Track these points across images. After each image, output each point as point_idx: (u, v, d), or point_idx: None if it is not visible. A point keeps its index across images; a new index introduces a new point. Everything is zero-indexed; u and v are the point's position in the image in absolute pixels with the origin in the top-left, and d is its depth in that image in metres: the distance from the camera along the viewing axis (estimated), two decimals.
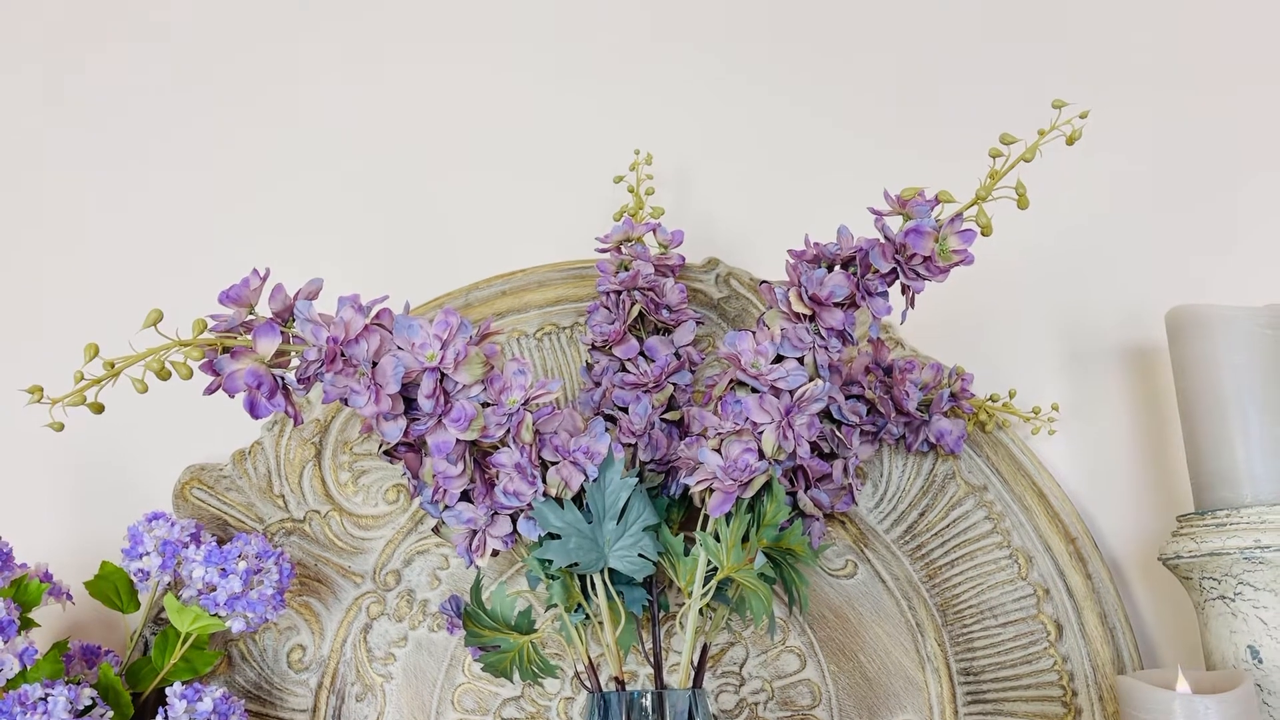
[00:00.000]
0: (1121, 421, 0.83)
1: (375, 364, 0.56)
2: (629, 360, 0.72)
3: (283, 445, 0.81)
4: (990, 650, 0.77)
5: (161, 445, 0.82)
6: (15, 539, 0.74)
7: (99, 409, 0.52)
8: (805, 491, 0.69)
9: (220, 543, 0.73)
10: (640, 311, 0.74)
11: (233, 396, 0.54)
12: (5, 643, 0.60)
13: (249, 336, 0.54)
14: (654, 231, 0.79)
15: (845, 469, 0.71)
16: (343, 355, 0.55)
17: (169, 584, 0.73)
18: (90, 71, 0.92)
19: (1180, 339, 0.74)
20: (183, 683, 0.67)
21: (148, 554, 0.71)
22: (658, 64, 0.91)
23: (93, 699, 0.64)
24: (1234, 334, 0.71)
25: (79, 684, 0.64)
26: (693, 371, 0.74)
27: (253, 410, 0.54)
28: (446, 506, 0.65)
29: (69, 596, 0.72)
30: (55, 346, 0.85)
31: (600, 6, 0.92)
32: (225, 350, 0.54)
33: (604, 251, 0.78)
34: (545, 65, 0.91)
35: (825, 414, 0.71)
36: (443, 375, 0.57)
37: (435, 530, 0.66)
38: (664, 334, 0.75)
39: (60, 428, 0.52)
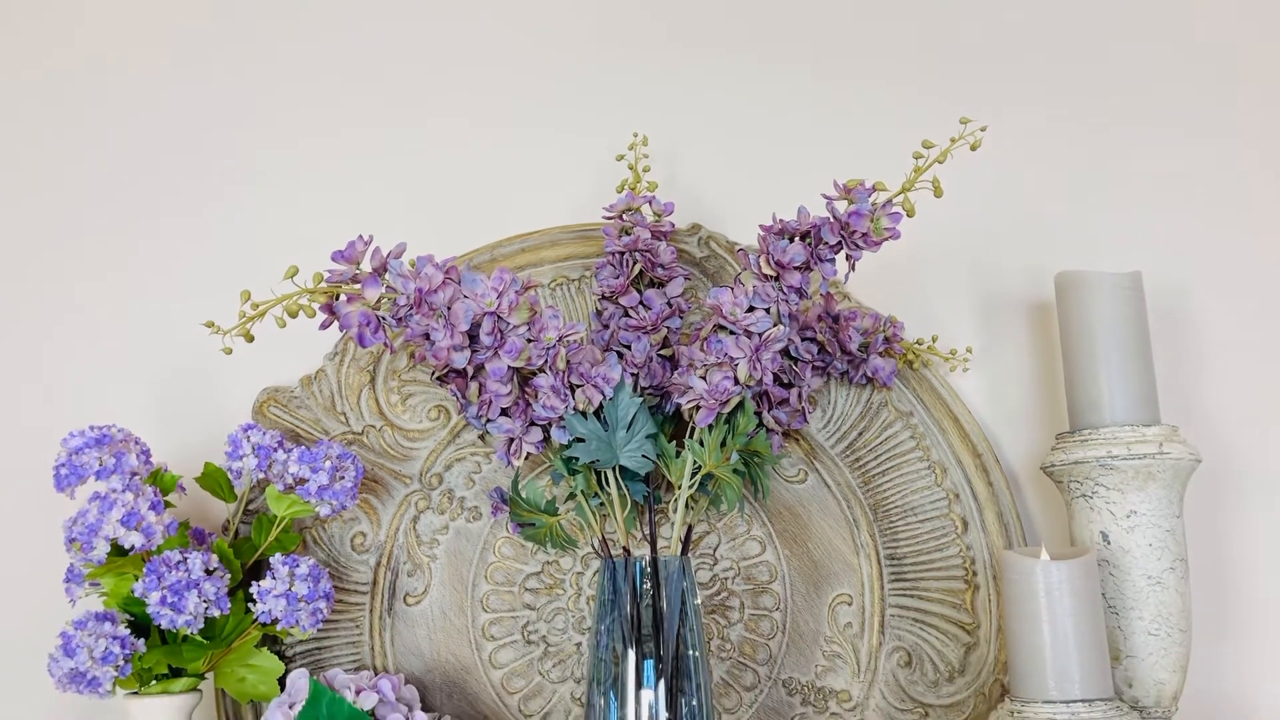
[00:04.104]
0: (1021, 361, 0.98)
1: (449, 308, 0.74)
2: (631, 308, 0.86)
3: (343, 372, 0.97)
4: (911, 541, 0.92)
5: (236, 373, 0.96)
6: None
7: (251, 338, 0.70)
8: (769, 412, 0.87)
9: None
10: (640, 269, 0.91)
11: (343, 331, 0.72)
12: (157, 517, 0.78)
13: (357, 286, 0.72)
14: (650, 203, 0.92)
15: (800, 396, 0.87)
16: (427, 302, 0.72)
17: (258, 481, 0.90)
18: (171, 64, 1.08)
19: (1065, 297, 0.88)
20: (282, 554, 0.85)
21: (246, 455, 0.86)
22: (653, 61, 1.05)
23: (218, 563, 0.82)
24: (1104, 294, 0.86)
25: (203, 552, 0.82)
26: (681, 318, 0.88)
27: (361, 340, 0.71)
28: (489, 420, 0.82)
29: (183, 489, 0.89)
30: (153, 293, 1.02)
31: (609, 13, 1.06)
32: (339, 296, 0.71)
33: (609, 218, 0.91)
34: (562, 62, 1.05)
35: (785, 352, 0.85)
36: (499, 317, 0.75)
37: (481, 438, 0.84)
38: (659, 287, 0.89)
39: (230, 351, 0.69)
